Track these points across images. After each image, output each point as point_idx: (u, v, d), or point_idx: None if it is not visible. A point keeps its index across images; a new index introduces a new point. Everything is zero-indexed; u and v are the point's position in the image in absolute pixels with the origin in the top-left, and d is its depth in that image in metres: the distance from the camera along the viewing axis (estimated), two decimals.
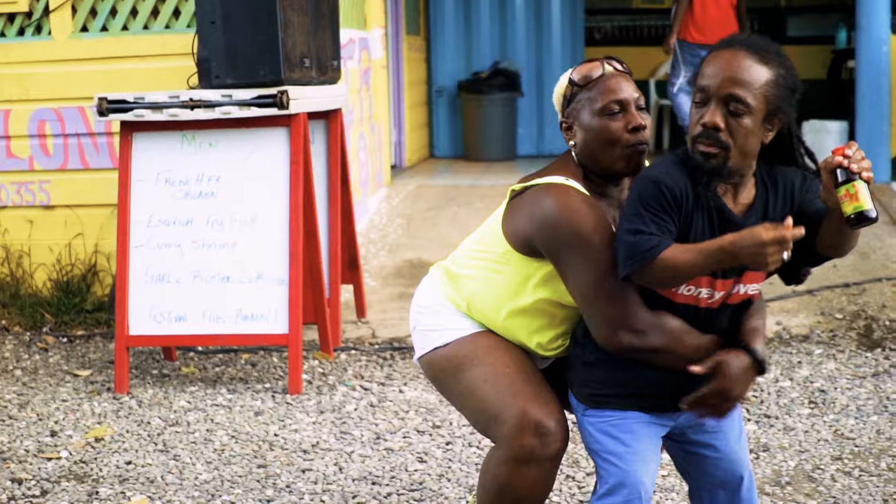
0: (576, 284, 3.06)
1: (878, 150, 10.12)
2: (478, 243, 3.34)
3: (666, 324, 3.02)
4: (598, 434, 3.12)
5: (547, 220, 3.09)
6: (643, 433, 3.11)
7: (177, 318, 5.69)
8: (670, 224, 2.93)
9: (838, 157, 2.83)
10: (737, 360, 3.03)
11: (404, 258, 8.10)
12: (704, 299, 3.02)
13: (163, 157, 5.77)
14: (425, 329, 3.37)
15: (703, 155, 2.93)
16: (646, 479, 3.07)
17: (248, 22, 5.55)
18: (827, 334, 6.25)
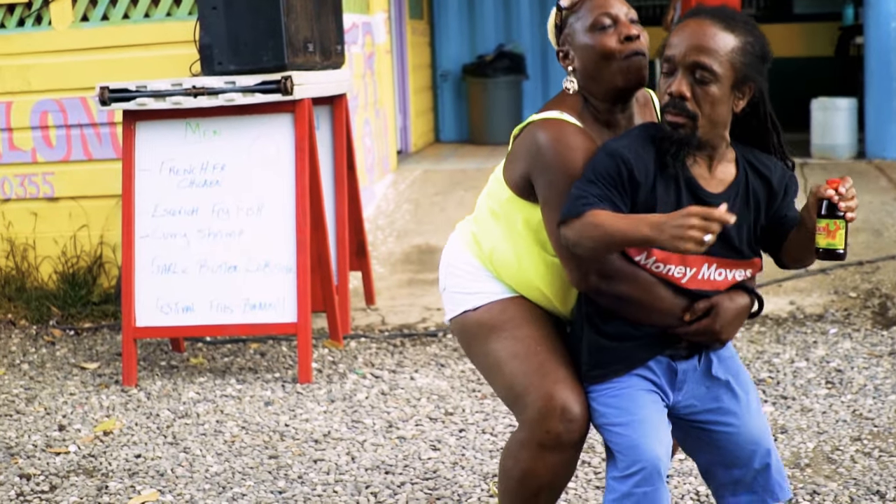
0: (552, 220, 3.01)
1: (887, 127, 10.05)
2: (487, 195, 3.30)
3: (638, 274, 2.96)
4: (602, 407, 3.04)
5: (538, 152, 3.05)
6: (646, 401, 3.01)
7: (184, 309, 5.63)
8: (618, 200, 2.88)
9: (830, 190, 2.82)
10: (733, 301, 2.99)
11: (412, 244, 8.03)
12: (678, 278, 2.95)
13: (166, 146, 5.71)
14: (455, 291, 3.32)
15: (671, 125, 2.89)
16: (658, 448, 2.95)
17: (251, 7, 5.48)
18: (841, 313, 6.17)
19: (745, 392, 3.13)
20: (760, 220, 3.02)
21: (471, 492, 4.15)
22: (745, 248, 3.01)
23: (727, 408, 3.11)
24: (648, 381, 3.04)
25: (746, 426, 3.11)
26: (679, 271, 2.95)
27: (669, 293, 2.97)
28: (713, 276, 2.98)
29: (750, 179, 3.01)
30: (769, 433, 3.16)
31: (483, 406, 5.03)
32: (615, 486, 2.97)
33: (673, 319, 2.99)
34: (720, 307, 2.99)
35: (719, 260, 2.97)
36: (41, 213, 7.13)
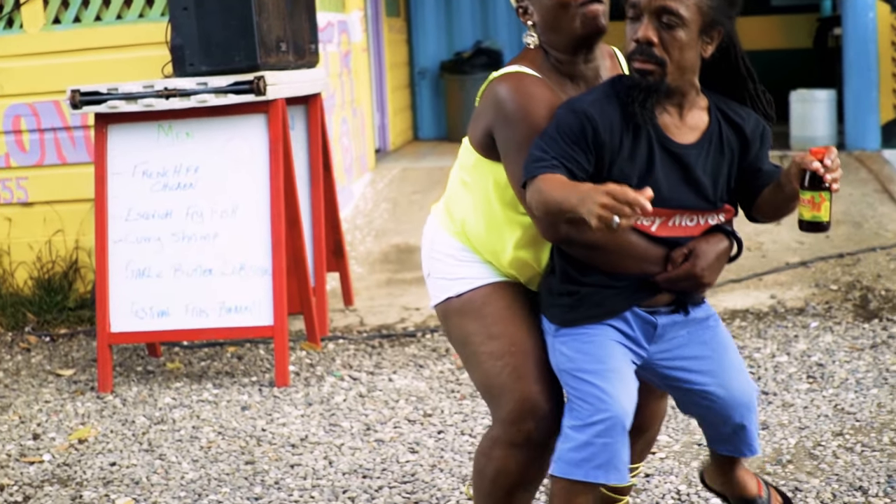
0: (516, 174, 2.96)
1: (866, 118, 10.03)
2: (458, 167, 3.26)
3: None
4: (571, 352, 2.96)
5: (498, 105, 3.00)
6: (617, 352, 2.95)
7: (159, 314, 5.57)
8: (581, 158, 2.83)
9: (816, 162, 2.78)
10: (711, 244, 2.95)
11: (391, 243, 7.98)
12: (647, 226, 2.90)
13: (139, 149, 5.64)
14: (438, 277, 3.27)
15: (639, 72, 2.84)
16: (625, 401, 2.89)
17: (222, 7, 5.42)
18: (822, 306, 6.14)
19: (724, 349, 3.09)
20: (734, 170, 2.98)
21: (449, 495, 4.10)
22: (720, 198, 2.97)
23: (706, 367, 3.05)
24: (622, 335, 2.97)
25: (726, 386, 3.07)
26: (648, 220, 2.90)
27: (642, 240, 2.92)
28: (685, 222, 2.94)
29: (723, 128, 2.96)
30: (751, 393, 3.11)
31: (462, 407, 4.98)
32: (573, 434, 2.88)
33: (650, 266, 2.94)
34: (698, 250, 2.94)
35: (691, 210, 2.93)
36: (15, 218, 7.06)
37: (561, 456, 2.91)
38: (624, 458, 2.89)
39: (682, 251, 2.93)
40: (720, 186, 2.96)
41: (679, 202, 2.90)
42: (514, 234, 3.13)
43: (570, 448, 2.89)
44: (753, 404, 3.14)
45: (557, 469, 2.91)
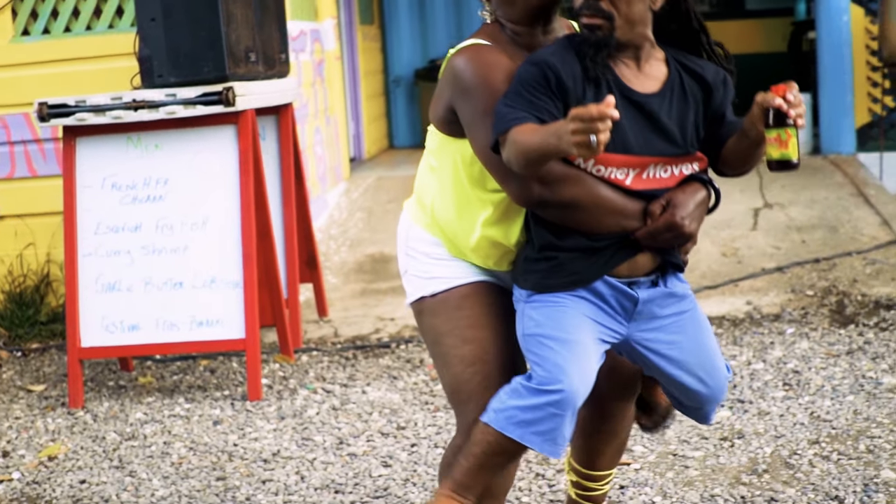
0: (482, 141, 2.91)
1: (841, 122, 10.02)
2: (425, 153, 3.22)
3: (581, 176, 2.86)
4: (540, 317, 2.91)
5: (456, 77, 2.97)
6: (587, 329, 2.89)
7: (130, 328, 5.51)
8: (549, 105, 2.79)
9: (778, 99, 2.74)
10: (687, 193, 2.90)
11: (366, 253, 7.93)
12: (621, 180, 2.85)
13: (108, 162, 5.59)
14: (413, 275, 3.22)
15: (588, 27, 2.82)
16: (583, 378, 2.84)
17: (190, 17, 5.37)
18: (798, 312, 6.11)
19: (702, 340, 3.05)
20: (700, 118, 2.95)
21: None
22: (689, 144, 2.93)
23: (682, 357, 3.01)
24: (597, 310, 2.91)
25: (700, 380, 3.04)
26: (622, 173, 2.85)
27: (619, 195, 2.87)
28: (659, 173, 2.89)
29: (684, 77, 2.94)
30: (722, 388, 3.10)
31: (436, 419, 4.93)
32: (524, 393, 2.84)
33: (629, 221, 2.89)
34: (676, 200, 2.89)
35: (663, 158, 2.89)
36: None
37: (503, 409, 2.86)
38: (566, 434, 2.85)
39: (660, 202, 2.88)
40: (688, 133, 2.92)
41: (648, 149, 2.86)
42: (483, 211, 3.07)
43: (516, 406, 2.84)
44: (722, 396, 3.13)
45: (494, 420, 2.86)
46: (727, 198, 8.26)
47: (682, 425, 4.65)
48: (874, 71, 10.20)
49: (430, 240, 3.18)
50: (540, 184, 2.85)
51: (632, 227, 2.89)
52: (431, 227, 3.17)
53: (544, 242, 2.94)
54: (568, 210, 2.88)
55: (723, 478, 4.13)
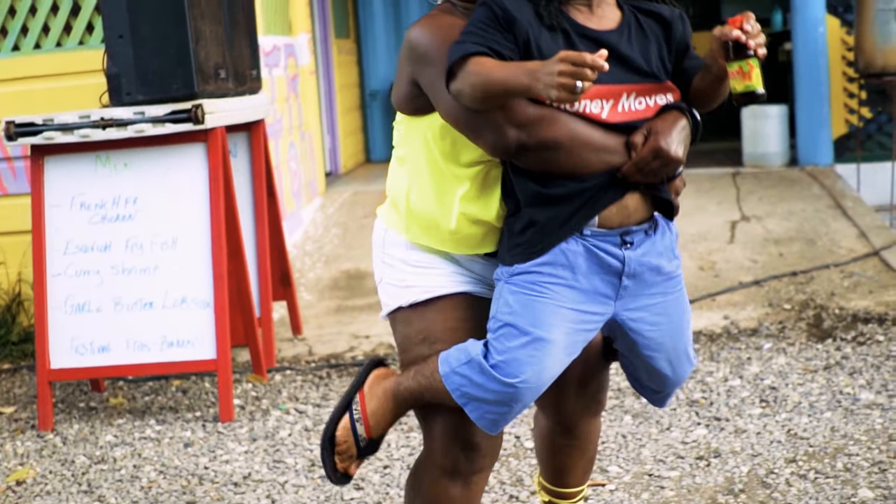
0: (448, 105, 2.85)
1: (818, 133, 10.00)
2: (394, 150, 3.16)
3: (557, 114, 2.79)
4: (515, 304, 2.82)
5: (412, 47, 2.93)
6: (564, 325, 2.82)
7: (99, 349, 5.44)
8: (502, 40, 2.74)
9: (736, 31, 2.70)
10: (665, 120, 2.83)
11: (341, 269, 7.87)
12: (596, 114, 2.78)
13: (77, 181, 5.52)
14: (388, 283, 3.12)
15: None
16: (539, 382, 2.80)
17: (158, 34, 5.31)
18: (776, 326, 6.07)
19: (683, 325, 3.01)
20: (664, 51, 2.90)
21: None
22: (660, 71, 2.88)
23: (661, 339, 2.96)
24: (581, 295, 2.83)
25: (671, 364, 3.01)
26: (596, 106, 2.78)
27: (598, 129, 2.80)
28: (633, 105, 2.83)
29: (639, 16, 2.90)
30: (687, 374, 3.07)
31: (409, 440, 4.87)
32: (479, 371, 2.81)
33: (612, 156, 2.81)
34: (656, 127, 2.82)
35: (636, 87, 2.83)
36: None
37: (458, 372, 2.84)
38: (508, 420, 2.86)
39: (641, 132, 2.81)
40: (653, 62, 2.87)
41: (617, 78, 2.80)
42: (460, 187, 2.98)
43: (469, 377, 2.83)
44: (682, 382, 3.11)
45: (446, 377, 2.86)
46: (704, 211, 8.27)
47: (658, 444, 4.60)
48: (850, 82, 10.19)
49: (406, 244, 3.09)
50: (516, 127, 2.78)
51: (616, 162, 2.81)
52: (409, 225, 3.07)
53: (529, 194, 2.85)
54: (548, 152, 2.80)
55: (699, 498, 4.08)
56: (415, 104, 2.99)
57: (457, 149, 2.96)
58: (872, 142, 10.28)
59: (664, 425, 4.81)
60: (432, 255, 3.07)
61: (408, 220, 3.06)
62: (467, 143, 2.94)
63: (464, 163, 2.97)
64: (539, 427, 3.37)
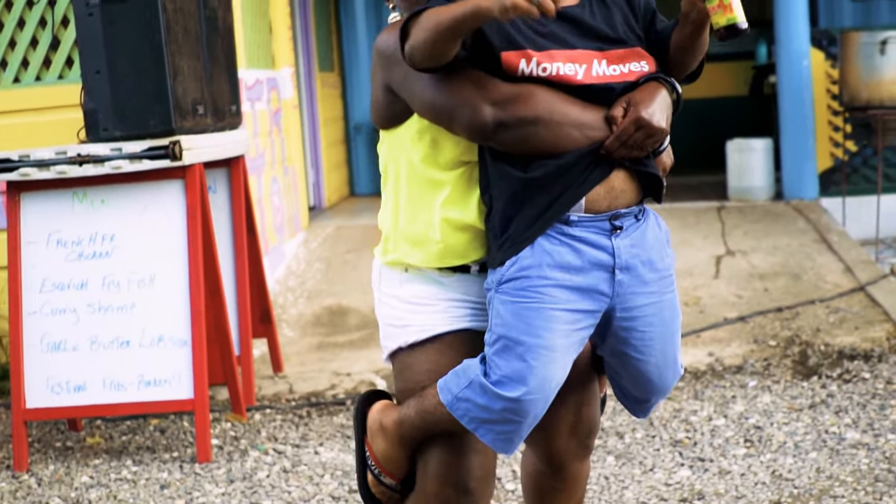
0: (422, 95, 2.82)
1: (804, 166, 9.97)
2: (382, 180, 3.11)
3: (533, 89, 2.75)
4: (507, 315, 2.76)
5: (381, 54, 2.92)
6: (560, 327, 2.75)
7: (75, 388, 5.35)
8: None
9: None
10: (647, 91, 2.78)
11: (323, 305, 7.80)
12: (571, 76, 2.74)
13: (53, 218, 5.45)
14: (387, 323, 3.06)
15: None
16: (549, 386, 2.74)
17: (135, 70, 5.25)
18: (761, 363, 6.01)
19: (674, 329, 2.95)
20: (629, 18, 2.87)
21: None
22: (628, 37, 2.84)
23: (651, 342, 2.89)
24: (575, 294, 2.76)
25: (660, 369, 2.95)
26: (570, 69, 2.75)
27: (576, 104, 2.76)
28: (606, 71, 2.78)
29: None
30: (674, 382, 3.01)
31: None
32: (480, 391, 2.75)
33: (593, 131, 2.76)
34: (634, 98, 2.78)
35: (605, 53, 2.79)
36: None
37: (461, 397, 2.78)
38: (522, 435, 2.79)
39: (620, 104, 2.77)
40: (619, 28, 2.84)
41: (586, 44, 2.78)
42: (440, 193, 2.93)
43: (472, 400, 2.77)
44: (669, 391, 3.05)
45: (450, 405, 2.80)
46: (689, 246, 8.21)
47: (641, 486, 4.53)
48: (835, 115, 10.17)
49: (399, 279, 3.02)
50: (492, 105, 2.74)
51: (598, 137, 2.77)
52: (396, 246, 3.02)
53: (511, 182, 2.79)
54: (528, 127, 2.75)
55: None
56: (391, 111, 2.96)
57: (436, 148, 2.92)
58: (858, 175, 10.26)
59: (647, 466, 4.75)
60: (427, 286, 3.00)
61: (395, 242, 3.02)
62: (446, 139, 2.90)
63: (444, 164, 2.93)
64: (527, 468, 3.30)
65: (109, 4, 5.23)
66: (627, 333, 2.88)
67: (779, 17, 9.96)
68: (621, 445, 4.97)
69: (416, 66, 2.76)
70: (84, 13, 5.27)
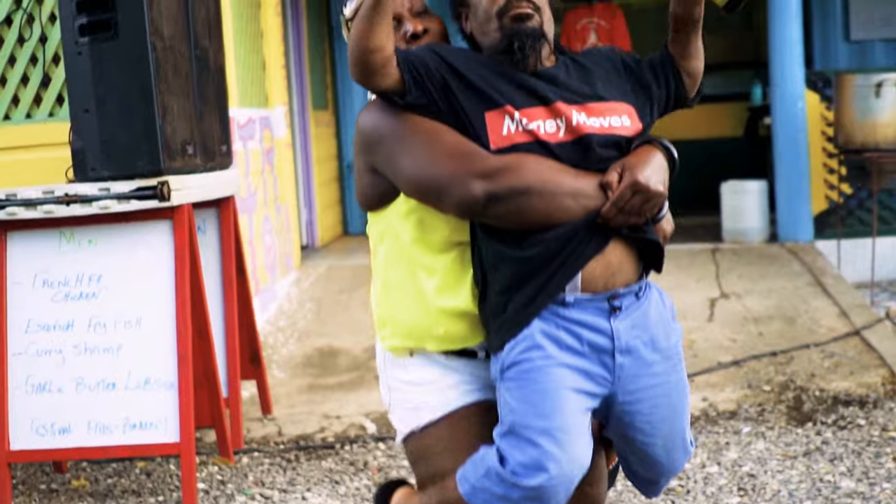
0: (408, 173, 2.77)
1: (799, 209, 9.93)
2: (373, 265, 3.04)
3: (522, 159, 2.69)
4: (515, 402, 2.69)
5: (364, 131, 2.89)
6: (570, 405, 2.67)
7: (60, 431, 5.28)
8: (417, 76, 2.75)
9: None
10: (641, 155, 2.73)
11: (315, 346, 7.73)
12: (553, 133, 2.69)
13: (40, 257, 5.39)
14: (398, 406, 3.01)
15: (521, 17, 2.76)
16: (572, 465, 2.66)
17: (124, 109, 5.19)
18: (755, 409, 5.94)
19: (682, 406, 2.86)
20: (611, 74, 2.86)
21: None
22: (610, 93, 2.81)
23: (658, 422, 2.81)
24: (578, 373, 2.69)
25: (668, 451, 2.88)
26: (551, 125, 2.71)
27: (569, 173, 2.69)
28: (587, 122, 2.74)
29: (575, 57, 2.90)
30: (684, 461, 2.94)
31: None
32: (498, 481, 2.67)
33: (589, 200, 2.68)
34: (629, 163, 2.71)
35: (584, 106, 2.75)
36: None
37: (479, 487, 2.70)
38: None
39: (615, 169, 2.70)
40: (598, 85, 2.82)
41: (562, 97, 2.76)
42: (430, 280, 2.87)
43: (490, 489, 2.68)
44: (678, 471, 2.98)
45: (470, 497, 2.72)
46: (682, 289, 8.16)
47: None
48: (830, 157, 10.15)
49: (405, 362, 2.97)
50: (481, 179, 2.67)
51: (594, 206, 2.69)
52: (398, 335, 2.95)
53: (504, 261, 2.72)
54: (520, 199, 2.67)
55: None
56: (377, 192, 2.90)
57: (425, 229, 2.85)
58: (853, 218, 10.22)
59: None
60: (435, 368, 2.94)
61: (392, 327, 2.95)
62: (435, 219, 2.83)
63: (435, 245, 2.86)
64: None
65: (99, 42, 5.18)
66: (632, 417, 2.80)
67: (774, 59, 9.94)
68: (613, 493, 4.90)
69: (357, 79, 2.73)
70: (73, 51, 5.22)
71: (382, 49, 2.67)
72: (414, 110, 2.79)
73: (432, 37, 2.95)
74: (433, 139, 2.76)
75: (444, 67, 2.75)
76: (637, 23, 12.37)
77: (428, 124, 2.78)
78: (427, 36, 2.94)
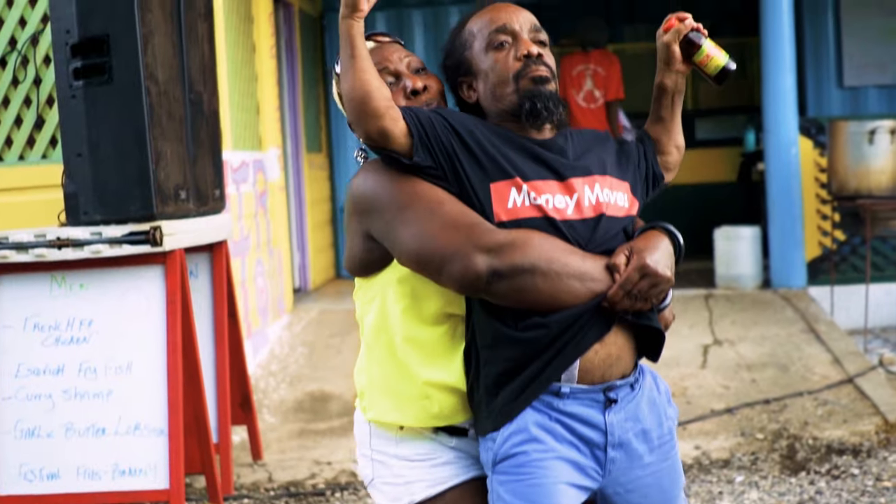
0: (408, 244, 2.68)
1: (792, 255, 9.91)
2: (361, 332, 2.96)
3: (529, 236, 2.60)
4: (509, 497, 2.61)
5: (355, 196, 2.80)
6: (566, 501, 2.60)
7: (49, 476, 5.24)
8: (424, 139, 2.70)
9: (686, 21, 2.82)
10: (647, 240, 2.67)
11: (306, 391, 7.69)
12: (563, 209, 2.64)
13: (31, 301, 5.36)
14: (384, 482, 2.89)
15: (540, 79, 2.74)
16: None
17: (117, 153, 5.18)
18: (748, 457, 5.91)
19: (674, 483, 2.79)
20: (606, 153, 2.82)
21: None
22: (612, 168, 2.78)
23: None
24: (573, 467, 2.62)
25: None
26: (561, 201, 2.64)
27: (576, 252, 2.62)
28: (599, 201, 2.70)
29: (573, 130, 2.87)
30: None
31: None
32: None
33: (595, 283, 2.60)
34: (636, 247, 2.64)
35: (593, 183, 2.71)
36: None
37: None
38: None
39: (622, 252, 2.63)
40: (594, 160, 2.77)
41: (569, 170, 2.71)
42: (421, 354, 2.78)
43: None
44: None
45: None
46: (675, 335, 8.13)
47: None
48: (824, 204, 10.14)
49: (394, 437, 2.87)
50: (485, 254, 2.58)
51: (600, 289, 2.61)
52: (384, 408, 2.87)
53: (501, 341, 2.64)
54: (524, 278, 2.58)
55: None
56: (369, 258, 2.81)
57: (418, 300, 2.76)
58: (846, 264, 10.21)
59: None
60: (426, 442, 2.85)
61: (379, 399, 2.85)
62: (430, 289, 2.75)
63: (427, 317, 2.77)
64: None
65: (93, 87, 5.18)
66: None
67: (767, 105, 9.95)
68: None
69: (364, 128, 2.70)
70: (67, 94, 5.22)
71: (378, 89, 2.64)
72: (417, 173, 2.72)
73: (432, 94, 2.89)
74: (435, 209, 2.67)
75: (451, 132, 2.67)
76: (632, 69, 12.41)
77: (431, 192, 2.70)
78: (427, 93, 2.88)
